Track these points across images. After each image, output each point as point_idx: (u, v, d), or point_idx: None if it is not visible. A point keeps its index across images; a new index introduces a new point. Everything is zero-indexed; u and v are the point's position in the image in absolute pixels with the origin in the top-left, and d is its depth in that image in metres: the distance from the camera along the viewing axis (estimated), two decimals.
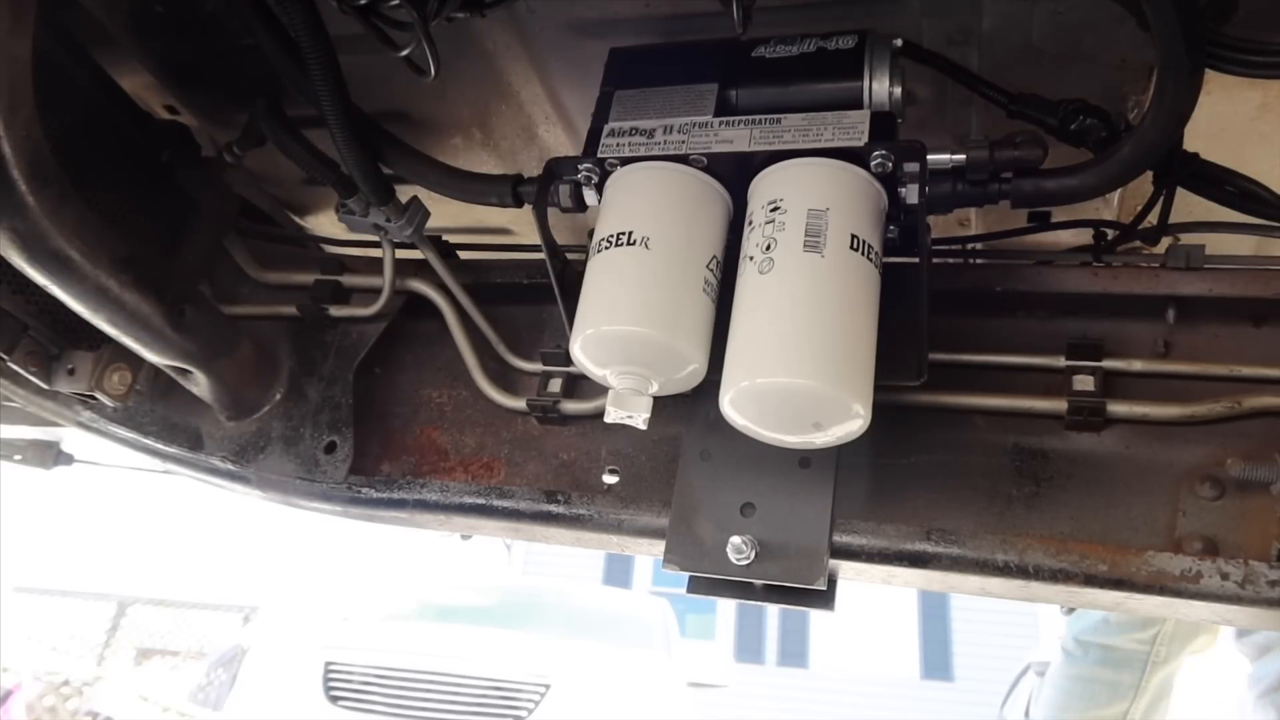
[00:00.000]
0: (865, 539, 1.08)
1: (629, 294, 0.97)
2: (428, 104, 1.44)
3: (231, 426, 1.43)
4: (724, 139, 1.03)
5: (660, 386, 1.02)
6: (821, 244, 0.93)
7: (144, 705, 6.19)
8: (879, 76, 1.03)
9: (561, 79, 1.37)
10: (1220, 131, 1.25)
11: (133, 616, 10.61)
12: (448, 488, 1.29)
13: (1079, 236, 1.39)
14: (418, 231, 1.30)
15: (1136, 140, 0.97)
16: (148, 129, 1.41)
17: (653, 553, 1.22)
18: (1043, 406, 1.16)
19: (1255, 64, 0.95)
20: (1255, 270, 1.16)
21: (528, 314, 1.43)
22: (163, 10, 1.33)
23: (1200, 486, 1.09)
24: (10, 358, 1.29)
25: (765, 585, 1.08)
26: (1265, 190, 1.10)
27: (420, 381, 1.46)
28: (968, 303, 1.23)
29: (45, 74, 0.97)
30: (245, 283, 1.51)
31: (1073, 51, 1.16)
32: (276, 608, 9.79)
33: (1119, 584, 1.00)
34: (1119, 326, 1.18)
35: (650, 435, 1.26)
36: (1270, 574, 0.95)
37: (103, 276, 1.10)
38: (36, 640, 9.64)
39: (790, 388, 0.91)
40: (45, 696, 6.03)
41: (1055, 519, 1.12)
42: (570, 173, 1.09)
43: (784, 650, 13.10)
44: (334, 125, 1.12)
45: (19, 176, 0.95)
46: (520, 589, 8.16)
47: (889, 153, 0.97)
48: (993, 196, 1.03)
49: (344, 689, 5.34)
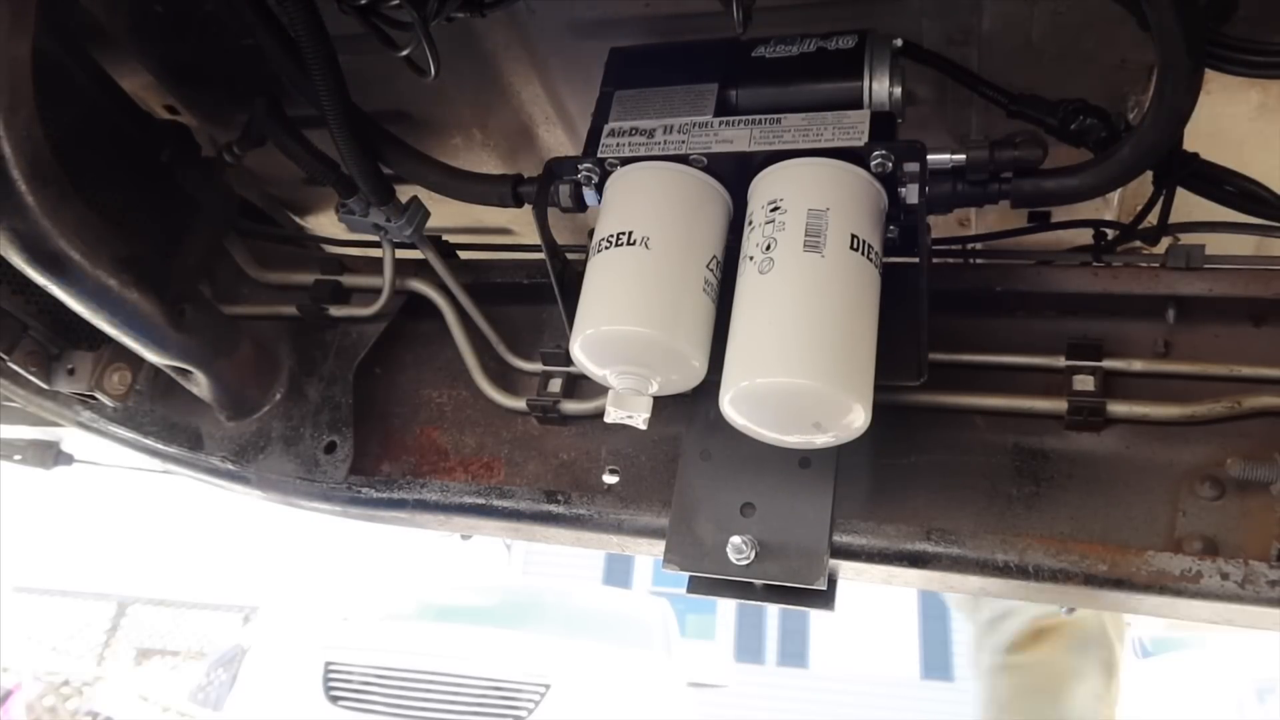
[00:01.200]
0: (865, 539, 1.08)
1: (629, 294, 0.97)
2: (428, 104, 1.44)
3: (231, 426, 1.43)
4: (724, 139, 1.03)
5: (660, 386, 1.02)
6: (821, 244, 0.93)
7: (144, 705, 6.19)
8: (879, 76, 1.03)
9: (561, 79, 1.37)
10: (1220, 131, 1.25)
11: (133, 616, 10.60)
12: (448, 488, 1.29)
13: (1079, 236, 1.38)
14: (418, 231, 1.30)
15: (1136, 140, 0.97)
16: (148, 129, 1.41)
17: (653, 553, 1.22)
18: (1043, 406, 1.15)
19: (1255, 64, 0.95)
20: (1255, 270, 1.15)
21: (528, 314, 1.43)
22: (163, 10, 1.33)
23: (1200, 486, 1.08)
24: (10, 358, 1.29)
25: (765, 585, 1.08)
26: (1265, 190, 1.10)
27: (420, 381, 1.46)
28: (968, 303, 1.23)
29: (45, 74, 0.97)
30: (245, 283, 1.51)
31: (1073, 51, 1.16)
32: (276, 608, 9.78)
33: (1119, 584, 1.00)
34: (1119, 326, 1.18)
35: (650, 435, 1.26)
36: (1270, 574, 0.95)
37: (103, 276, 1.10)
38: (36, 640, 9.63)
39: (790, 388, 0.91)
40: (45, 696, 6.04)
41: (1055, 519, 1.12)
42: (570, 173, 1.09)
43: (784, 650, 13.10)
44: (334, 125, 1.12)
45: (19, 176, 0.95)
46: (520, 589, 8.17)
47: (889, 153, 0.97)
48: (993, 196, 1.03)
49: (344, 689, 5.35)
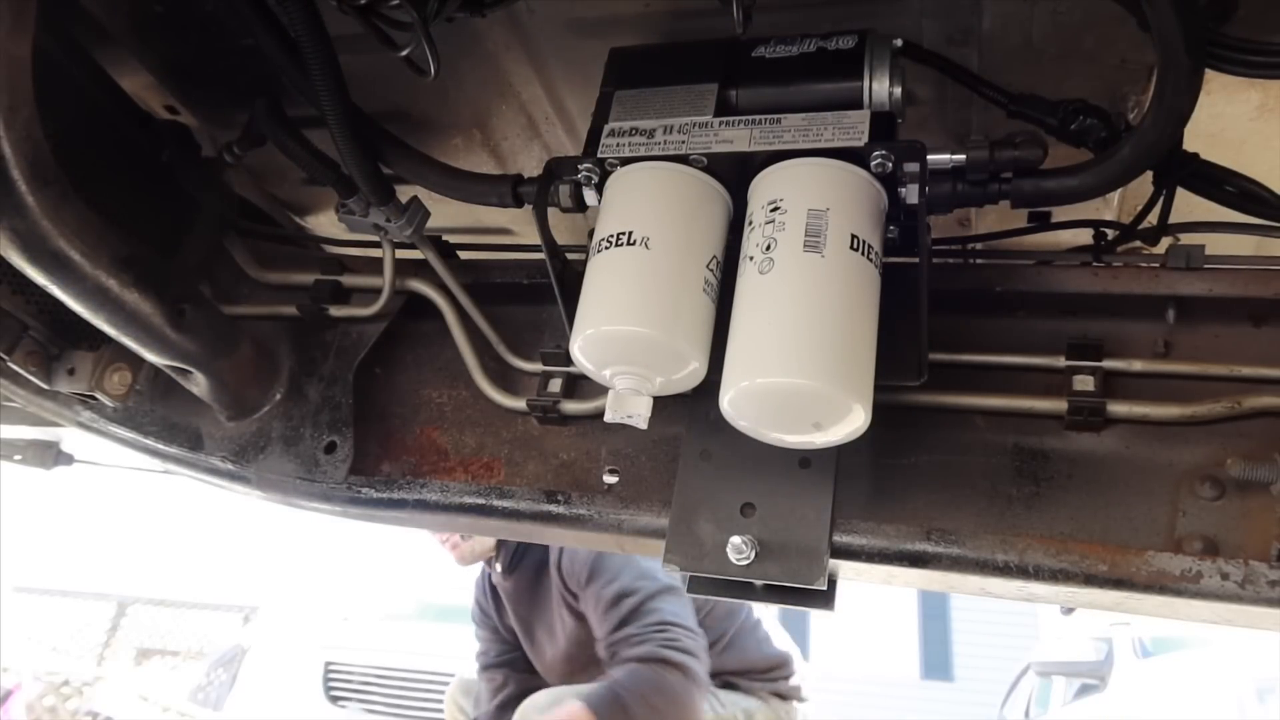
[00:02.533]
0: (865, 539, 1.08)
1: (629, 294, 0.97)
2: (428, 104, 1.44)
3: (231, 426, 1.43)
4: (724, 139, 1.03)
5: (660, 386, 1.01)
6: (821, 244, 0.93)
7: (144, 705, 6.19)
8: (879, 76, 1.02)
9: (562, 79, 1.37)
10: (1220, 131, 1.25)
11: (133, 616, 10.58)
12: (448, 488, 1.29)
13: (1079, 236, 1.38)
14: (418, 231, 1.30)
15: (1136, 140, 0.97)
16: (148, 129, 1.41)
17: (653, 553, 1.22)
18: (1043, 406, 1.15)
19: (1255, 64, 0.95)
20: (1255, 270, 1.15)
21: (528, 314, 1.43)
22: (163, 10, 1.33)
23: (1200, 486, 1.08)
24: (10, 358, 1.29)
25: (765, 585, 1.08)
26: (1265, 190, 1.09)
27: (420, 381, 1.46)
28: (968, 303, 1.23)
29: (45, 74, 0.97)
30: (245, 283, 1.51)
31: (1073, 51, 1.16)
32: (276, 608, 9.78)
33: (1119, 584, 1.00)
34: (1119, 326, 1.18)
35: (650, 435, 1.26)
36: (1270, 574, 0.95)
37: (103, 276, 1.10)
38: (36, 640, 9.62)
39: (790, 388, 0.91)
40: (45, 696, 6.03)
41: (1055, 519, 1.12)
42: (570, 173, 1.08)
43: None
44: (334, 125, 1.12)
45: (19, 176, 0.95)
46: None
47: (889, 153, 0.97)
48: (993, 196, 1.03)
49: (344, 689, 5.35)
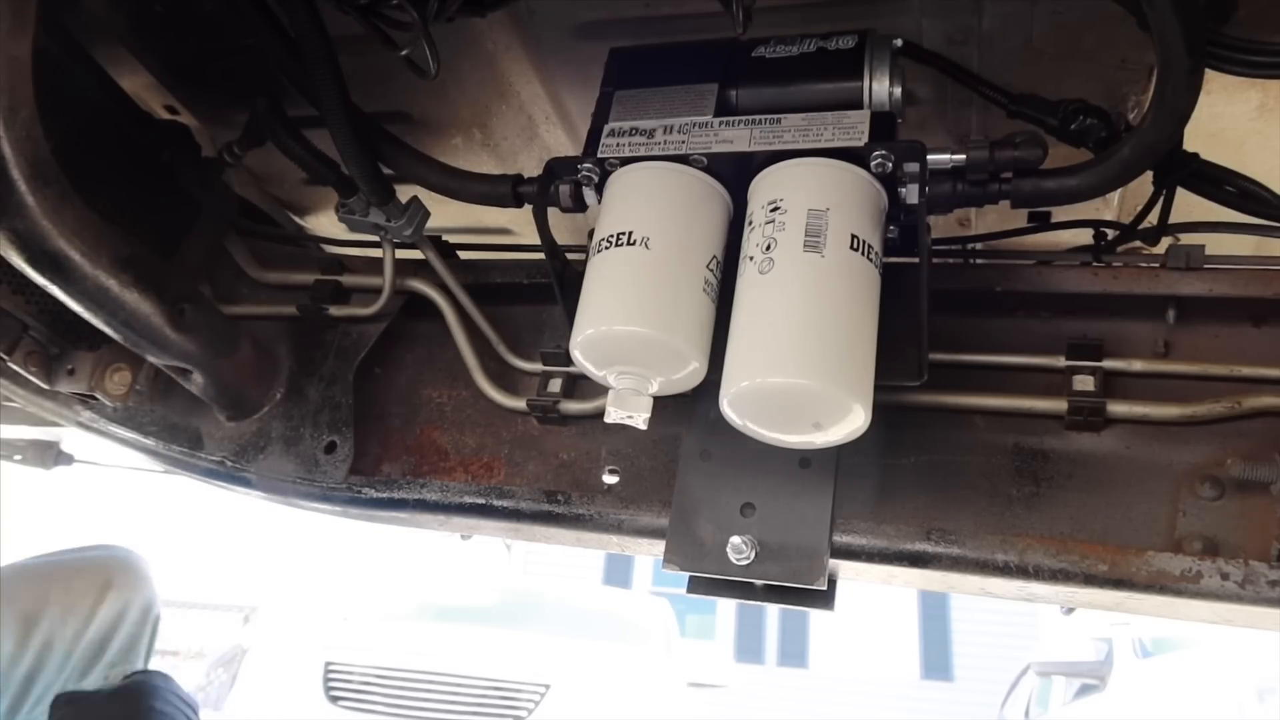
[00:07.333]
0: (865, 539, 1.08)
1: (629, 294, 0.97)
2: (428, 104, 1.44)
3: (231, 427, 1.43)
4: (724, 139, 1.03)
5: (660, 386, 1.01)
6: (821, 244, 0.93)
7: None
8: (879, 76, 1.02)
9: (562, 79, 1.37)
10: (1220, 131, 1.25)
11: None
12: (448, 488, 1.29)
13: (1079, 236, 1.38)
14: (418, 231, 1.30)
15: (1136, 140, 0.97)
16: (148, 129, 1.41)
17: (653, 553, 1.22)
18: (1043, 406, 1.15)
19: (1255, 64, 0.95)
20: (1255, 270, 1.15)
21: (528, 314, 1.43)
22: (163, 10, 1.33)
23: (1200, 486, 1.08)
24: (10, 358, 1.29)
25: (765, 585, 1.08)
26: (1265, 190, 1.09)
27: (420, 381, 1.46)
28: (968, 303, 1.23)
29: (45, 74, 0.97)
30: (245, 283, 1.51)
31: (1073, 51, 1.16)
32: (276, 608, 9.78)
33: (1119, 584, 1.00)
34: (1119, 326, 1.18)
35: (650, 435, 1.26)
36: (1270, 574, 0.95)
37: (103, 276, 1.09)
38: None
39: (790, 388, 0.91)
40: None
41: (1055, 519, 1.12)
42: (570, 173, 1.08)
43: (784, 650, 13.11)
44: (334, 125, 1.12)
45: (19, 176, 0.95)
46: (520, 589, 8.16)
47: (889, 153, 0.97)
48: (993, 196, 1.03)
49: (344, 689, 5.35)
